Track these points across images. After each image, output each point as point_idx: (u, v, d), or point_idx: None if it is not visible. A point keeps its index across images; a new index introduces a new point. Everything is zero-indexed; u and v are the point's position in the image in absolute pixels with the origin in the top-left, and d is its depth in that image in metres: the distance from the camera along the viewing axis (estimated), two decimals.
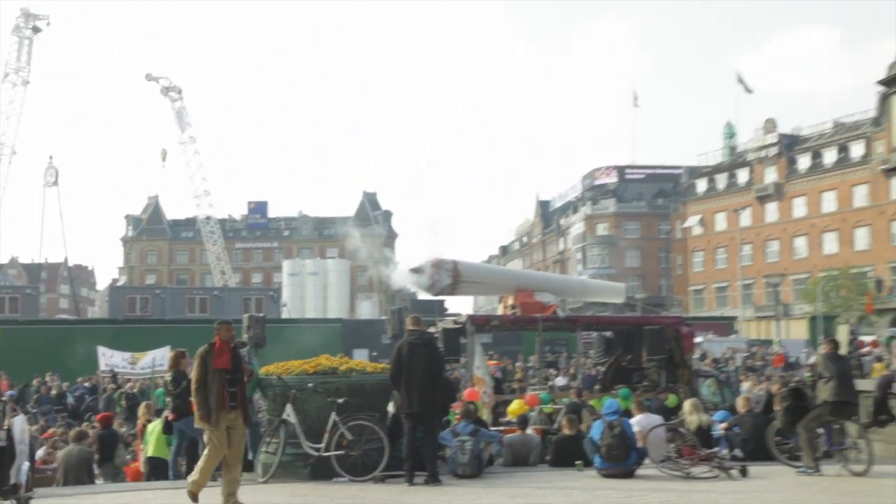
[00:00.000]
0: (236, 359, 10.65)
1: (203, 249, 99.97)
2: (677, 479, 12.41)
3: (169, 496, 11.76)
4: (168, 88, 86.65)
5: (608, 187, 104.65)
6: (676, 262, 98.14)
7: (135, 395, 24.32)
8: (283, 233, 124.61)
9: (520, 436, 15.10)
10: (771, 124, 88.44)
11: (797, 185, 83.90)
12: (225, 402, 10.22)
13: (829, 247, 79.04)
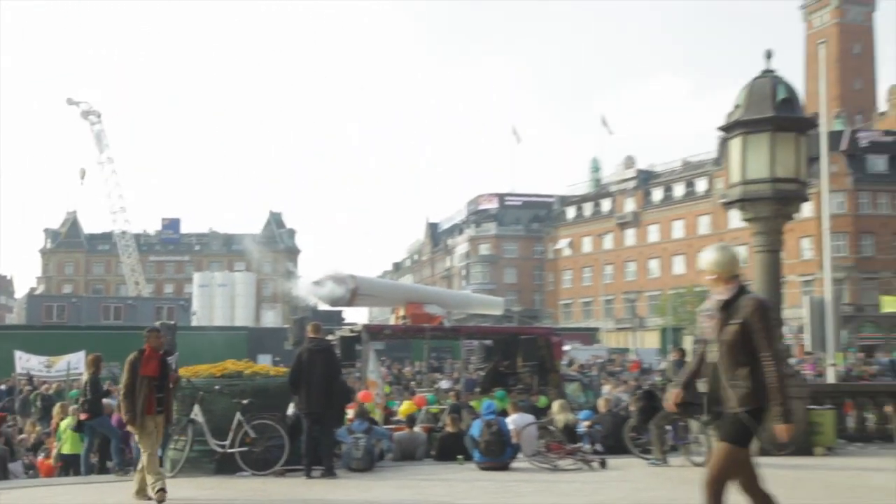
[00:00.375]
0: (164, 366, 10.34)
1: (118, 261, 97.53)
2: (546, 471, 12.57)
3: (80, 490, 11.50)
4: (88, 112, 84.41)
5: (490, 212, 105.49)
6: (548, 279, 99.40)
7: (50, 397, 23.56)
8: (194, 247, 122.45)
9: (408, 433, 15.12)
10: (630, 161, 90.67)
11: (651, 214, 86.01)
12: (151, 408, 9.92)
13: (678, 268, 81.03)
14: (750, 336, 5.48)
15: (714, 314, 5.68)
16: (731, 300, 5.61)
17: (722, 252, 5.77)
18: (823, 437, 14.63)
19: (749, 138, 15.00)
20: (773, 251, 15.19)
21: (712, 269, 5.71)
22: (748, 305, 5.52)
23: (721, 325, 5.59)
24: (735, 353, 5.50)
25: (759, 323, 5.47)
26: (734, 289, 5.63)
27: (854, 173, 69.38)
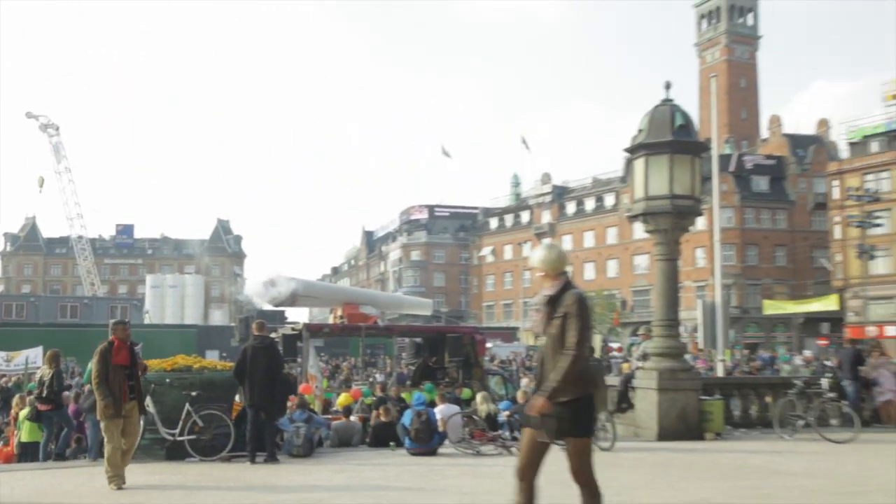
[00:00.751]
0: (133, 355, 10.08)
1: (75, 264, 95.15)
2: (470, 456, 12.59)
3: (39, 475, 11.16)
4: (46, 125, 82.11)
5: (420, 222, 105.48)
6: (473, 283, 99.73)
7: (9, 389, 22.93)
8: (146, 251, 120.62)
9: (345, 422, 15.06)
10: (547, 177, 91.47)
11: (565, 225, 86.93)
12: (125, 395, 9.69)
13: (589, 274, 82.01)
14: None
15: (541, 308, 5.47)
16: (556, 295, 5.42)
17: (549, 250, 5.61)
18: (713, 423, 14.88)
19: (651, 159, 15.23)
20: (671, 260, 15.44)
21: (540, 267, 5.54)
22: (569, 299, 5.34)
23: (547, 318, 5.39)
24: (559, 345, 5.29)
25: (575, 316, 5.27)
26: (560, 284, 5.45)
27: (741, 192, 70.97)
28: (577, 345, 5.21)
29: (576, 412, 5.28)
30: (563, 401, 5.26)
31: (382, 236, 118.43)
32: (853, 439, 13.87)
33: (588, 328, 5.35)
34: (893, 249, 60.52)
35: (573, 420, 5.29)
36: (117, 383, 9.65)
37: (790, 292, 69.94)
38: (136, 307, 74.61)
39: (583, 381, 5.30)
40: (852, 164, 64.03)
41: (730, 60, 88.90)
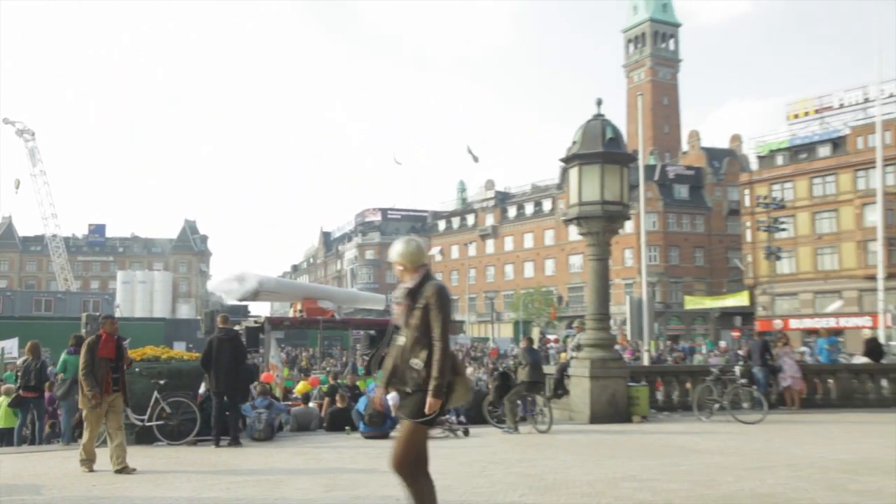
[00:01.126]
0: (119, 349, 9.76)
1: (49, 261, 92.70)
2: None
3: (13, 459, 10.89)
4: (22, 131, 79.73)
5: (374, 224, 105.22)
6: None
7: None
8: (118, 249, 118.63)
9: (303, 408, 14.94)
10: (490, 184, 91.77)
11: (507, 227, 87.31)
12: (108, 387, 9.38)
13: (528, 272, 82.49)
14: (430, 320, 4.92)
15: (402, 301, 5.03)
16: (416, 288, 4.99)
17: (407, 244, 5.15)
18: (639, 407, 15.04)
19: (584, 168, 15.34)
20: (602, 259, 15.58)
21: (399, 260, 5.10)
22: (428, 291, 4.92)
23: (408, 310, 4.96)
24: (418, 336, 4.87)
25: (436, 307, 4.86)
26: (419, 277, 5.02)
27: (664, 199, 71.94)
28: (442, 336, 4.85)
29: (424, 399, 4.81)
30: (419, 389, 4.86)
31: (339, 237, 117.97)
32: (761, 420, 14.14)
33: (449, 318, 4.95)
34: (796, 251, 61.92)
35: (420, 406, 4.80)
36: (101, 375, 9.35)
37: (707, 289, 71.10)
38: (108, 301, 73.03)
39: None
40: (761, 176, 65.34)
41: (654, 81, 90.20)
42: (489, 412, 14.31)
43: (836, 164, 60.59)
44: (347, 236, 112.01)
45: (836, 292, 59.70)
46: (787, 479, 8.17)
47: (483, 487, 7.92)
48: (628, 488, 7.69)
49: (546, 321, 66.11)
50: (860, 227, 57.79)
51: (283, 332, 28.17)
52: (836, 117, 62.39)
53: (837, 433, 12.92)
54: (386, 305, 40.63)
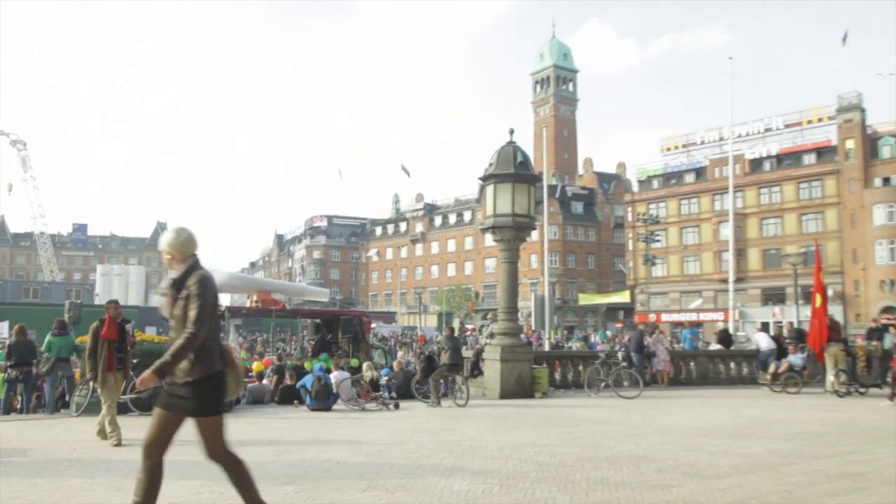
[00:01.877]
0: (122, 331, 9.29)
1: (37, 255, 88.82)
2: (357, 412, 12.47)
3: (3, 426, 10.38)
4: (16, 141, 76.17)
5: (321, 228, 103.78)
6: (361, 277, 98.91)
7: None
8: (98, 246, 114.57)
9: (258, 385, 14.66)
10: (420, 196, 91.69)
11: (434, 234, 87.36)
12: (111, 365, 8.95)
13: (451, 272, 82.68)
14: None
15: (167, 291, 4.24)
16: (181, 278, 4.21)
17: (178, 234, 4.33)
18: (540, 385, 15.26)
19: (498, 186, 15.50)
20: (512, 262, 15.76)
21: (167, 250, 4.30)
22: (192, 280, 4.15)
23: (172, 301, 4.19)
24: (184, 326, 4.12)
25: (195, 295, 4.10)
26: (185, 267, 4.24)
27: (563, 213, 73.12)
28: (196, 323, 4.06)
29: (203, 391, 4.13)
30: (189, 380, 4.13)
31: (290, 238, 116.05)
32: (638, 396, 14.52)
33: (209, 307, 4.15)
34: (667, 258, 63.73)
35: (200, 399, 4.13)
36: (104, 356, 8.88)
37: (597, 288, 72.52)
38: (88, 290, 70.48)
39: (209, 360, 4.16)
40: (640, 197, 67.03)
41: (556, 116, 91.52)
42: (416, 389, 14.33)
43: (699, 189, 62.66)
44: (298, 238, 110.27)
45: (697, 292, 61.70)
46: (657, 443, 8.42)
47: (411, 452, 7.93)
48: (531, 452, 7.81)
49: (465, 313, 66.40)
50: (716, 240, 59.90)
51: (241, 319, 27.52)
52: (698, 151, 64.47)
53: (696, 406, 13.32)
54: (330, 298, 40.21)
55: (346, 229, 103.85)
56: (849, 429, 9.84)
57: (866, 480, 6.24)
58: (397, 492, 5.77)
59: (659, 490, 5.80)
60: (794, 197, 57.34)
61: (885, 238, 51.65)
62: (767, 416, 11.40)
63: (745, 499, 5.51)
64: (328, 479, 6.32)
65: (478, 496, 5.58)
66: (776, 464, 7.02)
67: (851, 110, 54.63)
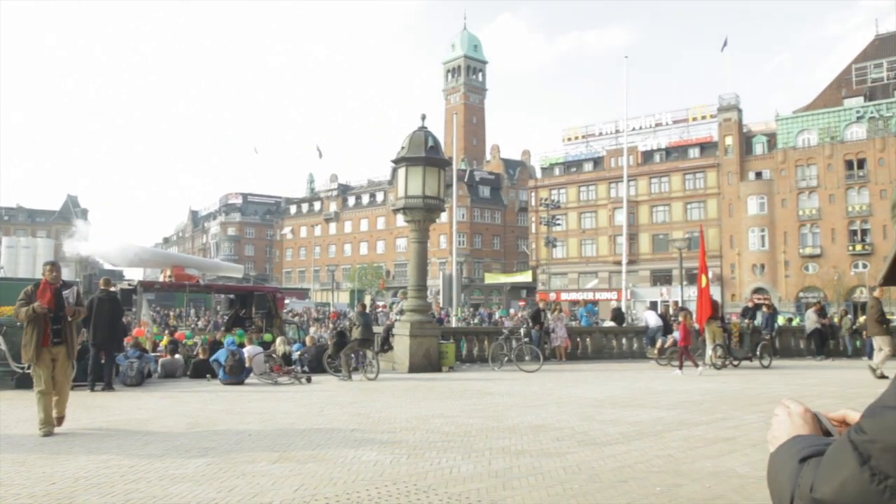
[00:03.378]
0: (59, 298, 7.34)
1: None
2: (270, 385, 12.24)
3: None
4: None
5: (236, 205, 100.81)
6: (276, 254, 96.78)
7: None
8: (3, 217, 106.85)
9: (170, 359, 14.11)
10: (334, 177, 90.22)
11: (347, 213, 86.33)
12: (47, 340, 7.16)
13: (363, 251, 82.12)
14: None
15: None
16: None
17: None
18: (448, 360, 15.42)
19: (410, 169, 15.46)
20: (422, 242, 15.78)
21: None
22: None
23: None
24: None
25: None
26: None
27: (471, 196, 73.78)
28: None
29: None
30: None
31: (205, 215, 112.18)
32: (538, 369, 14.88)
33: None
34: (567, 241, 65.49)
35: None
36: (39, 327, 7.13)
37: (502, 268, 73.77)
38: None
39: None
40: (543, 183, 68.44)
41: (466, 104, 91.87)
42: (328, 363, 14.19)
43: (596, 177, 64.57)
44: (213, 215, 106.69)
45: (593, 273, 63.77)
46: (555, 413, 8.66)
47: (322, 424, 7.84)
48: (438, 423, 7.87)
49: (376, 290, 66.17)
50: (612, 225, 62.01)
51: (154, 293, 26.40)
52: (596, 142, 66.38)
53: (591, 378, 13.76)
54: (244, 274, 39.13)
55: (261, 207, 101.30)
56: (724, 398, 10.43)
57: (737, 443, 6.64)
58: (308, 462, 5.69)
59: (556, 457, 5.96)
60: (680, 187, 60.02)
61: (756, 226, 54.94)
62: (654, 388, 11.93)
63: (633, 463, 5.75)
64: (240, 451, 6.16)
65: (386, 466, 5.58)
66: (661, 430, 7.36)
67: (730, 110, 57.56)
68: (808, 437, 0.97)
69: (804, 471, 0.90)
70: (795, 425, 1.00)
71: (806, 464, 0.90)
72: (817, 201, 53.29)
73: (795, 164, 54.25)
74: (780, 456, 0.97)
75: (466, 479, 5.15)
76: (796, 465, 0.91)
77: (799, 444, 0.96)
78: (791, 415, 1.02)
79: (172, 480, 5.06)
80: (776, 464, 0.97)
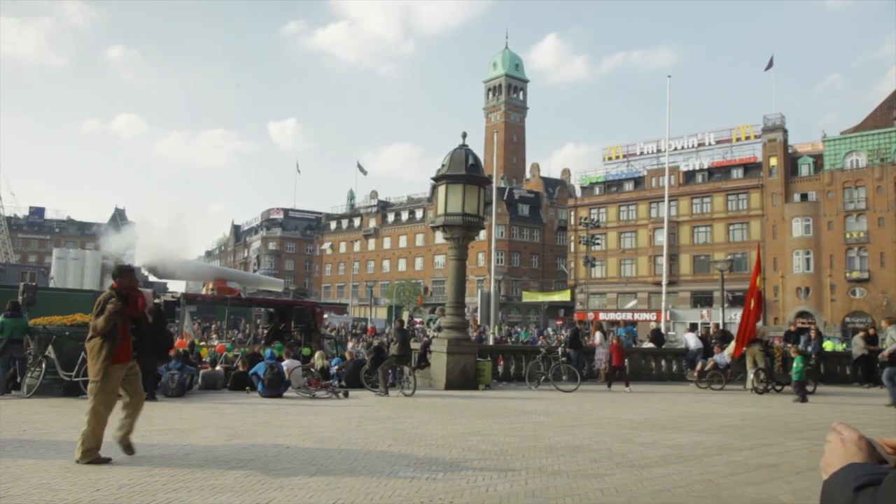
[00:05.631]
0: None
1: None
2: (307, 399, 12.34)
3: None
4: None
5: (278, 221, 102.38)
6: (315, 269, 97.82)
7: None
8: (55, 230, 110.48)
9: (211, 371, 14.33)
10: (374, 194, 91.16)
11: (386, 230, 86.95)
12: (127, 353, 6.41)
13: (402, 267, 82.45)
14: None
15: None
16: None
17: None
18: (484, 377, 15.35)
19: (450, 186, 15.52)
20: (461, 260, 15.81)
21: None
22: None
23: None
24: None
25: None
26: None
27: (510, 214, 73.61)
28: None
29: None
30: None
31: (247, 230, 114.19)
32: (576, 389, 14.72)
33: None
34: (606, 261, 64.84)
35: None
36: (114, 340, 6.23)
37: (540, 287, 73.25)
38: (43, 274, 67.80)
39: None
40: (583, 202, 68.03)
41: (506, 122, 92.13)
42: (365, 378, 14.25)
43: (637, 196, 63.91)
44: (254, 229, 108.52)
45: (632, 293, 62.94)
46: (592, 434, 8.54)
47: (358, 439, 7.87)
48: (474, 441, 7.83)
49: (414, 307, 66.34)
50: (652, 245, 61.22)
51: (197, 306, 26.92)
52: (637, 161, 65.80)
53: (630, 400, 13.57)
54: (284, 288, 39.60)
55: (302, 222, 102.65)
56: (766, 423, 10.16)
57: (780, 470, 6.45)
58: (345, 476, 5.71)
59: (593, 478, 5.88)
60: (722, 208, 59.00)
61: (801, 248, 53.60)
62: (693, 411, 11.69)
63: (672, 487, 5.63)
64: (278, 464, 6.22)
65: (423, 482, 5.57)
66: (700, 455, 7.20)
67: (775, 130, 56.50)
68: (864, 466, 0.95)
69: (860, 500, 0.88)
70: (849, 452, 0.98)
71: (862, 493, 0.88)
72: (865, 224, 51.81)
73: (843, 186, 52.91)
74: (833, 484, 0.95)
75: (503, 498, 5.10)
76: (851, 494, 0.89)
77: (854, 472, 0.93)
78: (844, 441, 1.00)
79: (213, 491, 5.14)
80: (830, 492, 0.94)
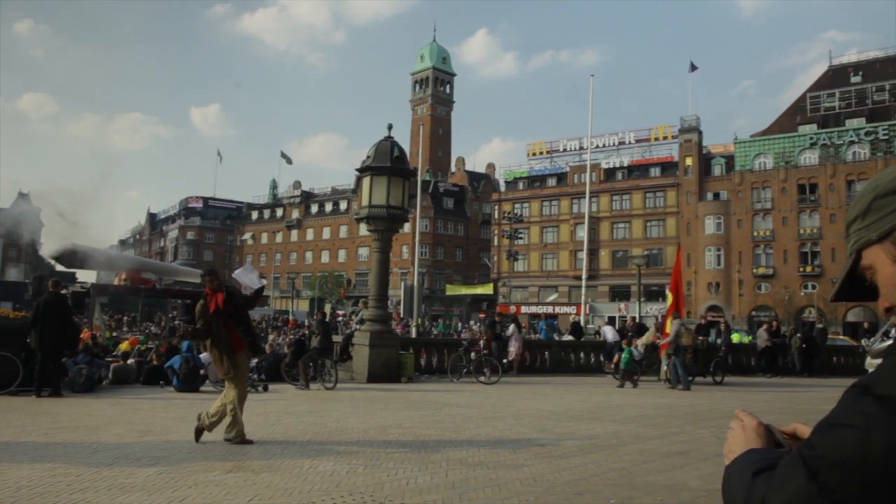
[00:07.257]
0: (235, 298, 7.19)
1: None
2: None
3: None
4: None
5: (197, 209, 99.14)
6: (236, 260, 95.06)
7: None
8: None
9: (122, 364, 13.77)
10: (297, 184, 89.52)
11: (310, 221, 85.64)
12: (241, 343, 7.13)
13: (325, 259, 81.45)
14: None
15: None
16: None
17: None
18: (407, 370, 15.36)
19: (375, 178, 15.41)
20: (385, 252, 15.73)
21: None
22: None
23: None
24: None
25: None
26: None
27: (435, 207, 73.85)
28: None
29: None
30: None
31: (164, 218, 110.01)
32: (496, 382, 14.93)
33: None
34: (528, 255, 66.02)
35: None
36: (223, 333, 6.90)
37: (463, 280, 73.88)
38: None
39: None
40: (506, 196, 68.96)
41: (433, 115, 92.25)
42: (286, 372, 14.01)
43: (559, 192, 65.34)
44: (172, 218, 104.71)
45: (554, 287, 64.35)
46: (512, 425, 8.69)
47: (277, 434, 7.74)
48: (395, 433, 7.83)
49: (336, 299, 65.68)
50: (573, 240, 62.77)
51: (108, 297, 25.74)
52: (560, 158, 67.23)
53: (549, 392, 13.86)
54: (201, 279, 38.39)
55: (223, 212, 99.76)
56: (676, 412, 10.60)
57: (689, 457, 6.75)
58: (263, 472, 5.60)
59: (512, 469, 5.98)
60: (641, 205, 61.08)
61: (713, 245, 56.17)
62: (610, 402, 12.07)
63: (588, 475, 5.80)
64: (193, 461, 6.03)
65: (342, 476, 5.52)
66: (615, 444, 7.44)
67: (691, 131, 58.91)
68: (762, 451, 1.00)
69: (757, 484, 0.92)
70: (749, 438, 1.03)
71: (759, 477, 0.93)
72: (771, 223, 54.77)
73: (752, 186, 55.71)
74: (734, 469, 0.99)
75: (423, 490, 5.12)
76: (750, 478, 0.94)
77: (753, 457, 0.98)
78: (745, 428, 1.05)
79: (122, 490, 4.93)
80: (731, 477, 0.99)
